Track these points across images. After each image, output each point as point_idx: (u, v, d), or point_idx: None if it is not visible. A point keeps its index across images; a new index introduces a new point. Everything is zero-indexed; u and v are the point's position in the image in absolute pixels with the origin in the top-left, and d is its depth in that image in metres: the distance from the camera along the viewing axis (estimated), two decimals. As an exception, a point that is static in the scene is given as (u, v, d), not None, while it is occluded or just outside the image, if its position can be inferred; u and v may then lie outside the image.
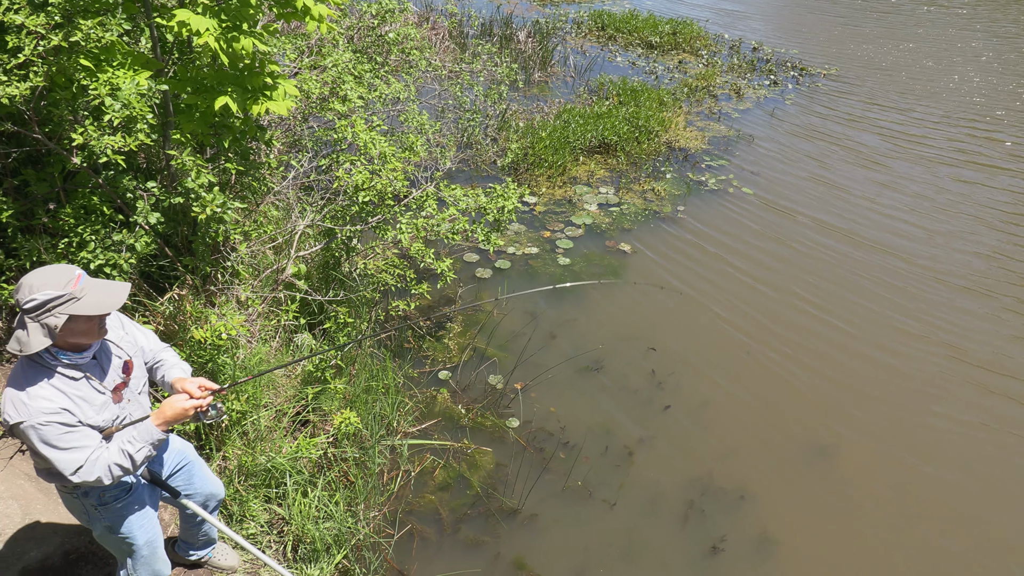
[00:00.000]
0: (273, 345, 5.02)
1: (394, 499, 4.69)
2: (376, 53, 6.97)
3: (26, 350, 2.51)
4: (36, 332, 2.50)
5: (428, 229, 5.50)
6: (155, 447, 2.78)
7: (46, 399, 2.56)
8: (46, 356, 2.60)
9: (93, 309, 2.54)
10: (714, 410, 5.60)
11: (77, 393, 2.65)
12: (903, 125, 10.78)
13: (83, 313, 2.52)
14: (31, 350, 2.51)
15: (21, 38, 3.50)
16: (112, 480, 2.69)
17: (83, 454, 2.61)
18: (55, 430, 2.56)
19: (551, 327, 6.31)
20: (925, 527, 4.84)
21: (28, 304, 2.48)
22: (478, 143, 9.02)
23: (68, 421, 2.59)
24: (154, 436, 2.76)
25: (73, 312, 2.51)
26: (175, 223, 4.57)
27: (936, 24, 15.42)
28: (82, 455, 2.61)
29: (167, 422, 2.78)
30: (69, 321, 2.53)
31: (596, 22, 14.14)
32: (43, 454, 2.57)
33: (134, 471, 2.75)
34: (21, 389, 2.55)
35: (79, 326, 2.57)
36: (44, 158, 4.55)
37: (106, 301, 2.57)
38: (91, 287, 2.56)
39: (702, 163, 9.34)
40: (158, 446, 2.80)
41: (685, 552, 4.59)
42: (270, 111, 4.14)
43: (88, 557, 3.87)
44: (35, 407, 2.53)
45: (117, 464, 2.68)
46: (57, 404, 2.57)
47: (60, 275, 2.52)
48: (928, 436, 5.51)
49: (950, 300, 6.96)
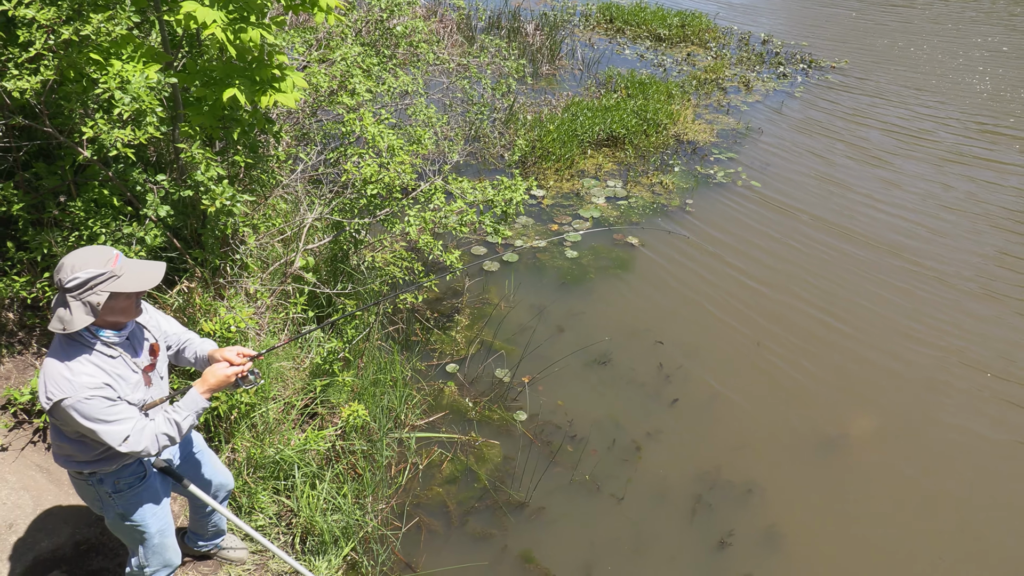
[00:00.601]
0: (282, 337, 5.04)
1: (402, 492, 4.71)
2: (384, 46, 6.96)
3: (69, 328, 2.59)
4: (79, 310, 2.58)
5: (436, 222, 5.51)
6: (199, 416, 2.89)
7: (88, 375, 2.63)
8: (86, 334, 2.68)
9: (133, 286, 2.63)
10: (722, 404, 5.60)
11: (115, 371, 2.73)
12: (911, 120, 10.72)
13: (123, 290, 2.61)
14: (74, 328, 2.59)
15: (32, 32, 3.51)
16: (158, 449, 2.79)
17: (128, 424, 2.70)
18: (100, 404, 2.63)
19: (558, 320, 6.31)
20: (933, 523, 4.83)
21: (71, 283, 2.55)
22: (486, 136, 9.01)
23: (110, 395, 2.67)
24: (199, 404, 2.88)
25: (114, 289, 2.60)
26: (184, 216, 4.58)
27: (952, 19, 15.20)
28: (128, 425, 2.70)
29: (211, 389, 2.90)
30: (110, 299, 2.62)
31: (604, 15, 14.09)
32: (89, 428, 2.64)
33: (179, 439, 2.86)
34: (63, 367, 2.63)
35: (119, 304, 2.66)
36: (55, 151, 4.57)
37: (145, 278, 2.67)
38: (129, 266, 2.66)
39: (711, 156, 9.31)
40: (202, 415, 2.92)
41: (693, 546, 4.59)
42: (279, 103, 4.14)
43: (99, 547, 3.90)
44: (79, 383, 2.61)
45: (165, 433, 2.79)
46: (99, 379, 2.65)
47: (100, 255, 2.61)
48: (937, 433, 5.50)
49: (958, 303, 6.93)
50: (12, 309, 4.71)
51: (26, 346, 4.68)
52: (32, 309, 4.73)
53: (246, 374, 3.02)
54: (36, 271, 4.44)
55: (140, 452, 2.74)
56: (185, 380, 4.26)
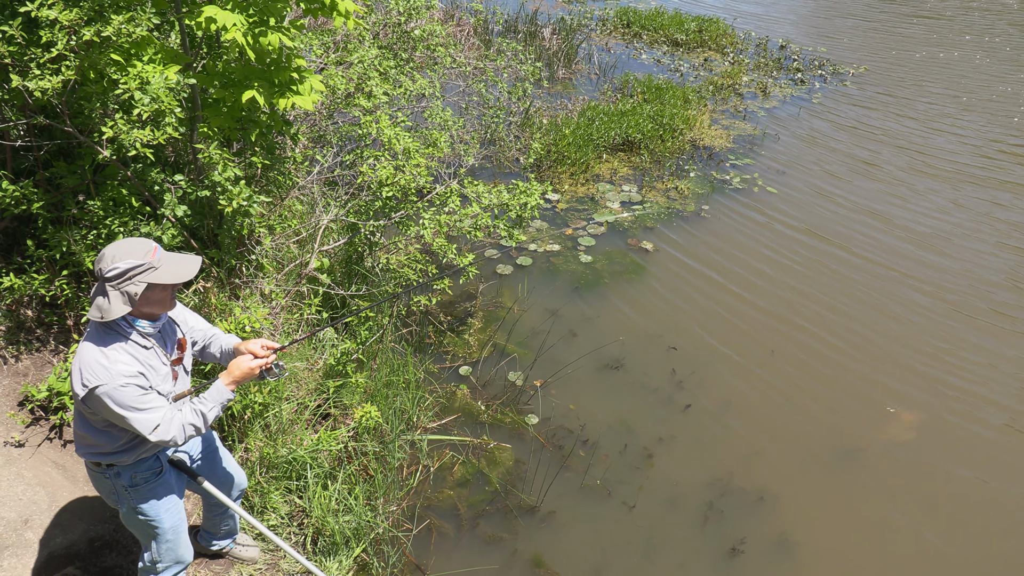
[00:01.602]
0: (296, 338, 5.05)
1: (413, 494, 4.72)
2: (401, 49, 6.99)
3: (107, 316, 2.65)
4: (117, 300, 2.65)
5: (451, 225, 5.52)
6: (223, 407, 2.94)
7: (124, 363, 2.70)
8: (123, 324, 2.75)
9: (170, 278, 2.70)
10: (735, 410, 5.57)
11: (148, 361, 2.80)
12: (928, 135, 10.63)
13: (161, 282, 2.68)
14: (111, 316, 2.65)
15: (54, 32, 3.56)
16: (184, 439, 2.84)
17: (159, 414, 2.76)
18: (133, 392, 2.69)
19: (571, 325, 6.30)
20: (946, 533, 4.78)
21: (110, 272, 2.62)
22: (501, 140, 9.02)
23: (143, 384, 2.73)
24: (224, 396, 2.92)
25: (152, 280, 2.66)
26: (201, 216, 4.62)
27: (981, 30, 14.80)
28: (159, 414, 2.75)
29: (236, 381, 2.95)
30: (147, 290, 2.68)
31: (622, 19, 14.07)
32: (121, 415, 2.69)
33: (205, 430, 2.91)
34: (99, 354, 2.69)
35: (156, 295, 2.73)
36: (75, 151, 4.62)
37: (182, 270, 2.74)
38: (167, 258, 2.73)
39: (727, 161, 9.28)
40: (227, 406, 2.98)
41: (704, 553, 4.57)
42: (296, 106, 4.17)
43: (113, 544, 3.93)
44: (115, 370, 2.67)
45: (191, 424, 2.84)
46: (134, 368, 2.72)
47: (139, 246, 2.68)
48: (951, 445, 5.44)
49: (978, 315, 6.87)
50: (31, 306, 4.76)
51: (44, 343, 4.73)
52: (51, 307, 4.78)
53: (271, 366, 3.06)
54: (55, 269, 4.49)
55: (168, 441, 2.79)
56: (199, 380, 4.29)
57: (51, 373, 4.48)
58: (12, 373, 4.54)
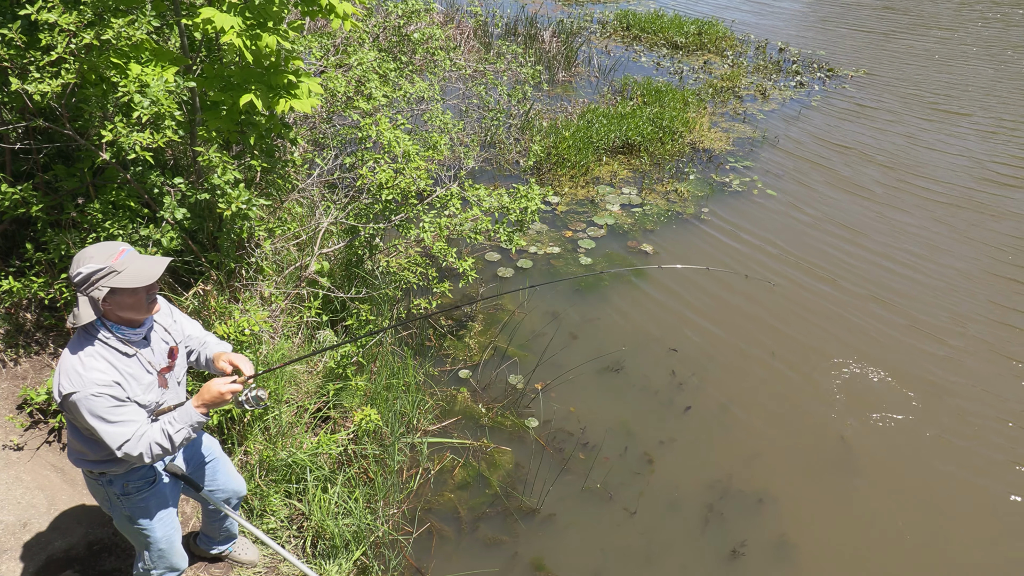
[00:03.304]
0: (296, 341, 5.05)
1: (413, 497, 4.71)
2: (401, 52, 7.00)
3: (78, 323, 2.63)
4: (84, 305, 2.62)
5: (451, 228, 5.51)
6: (195, 430, 2.82)
7: (100, 371, 2.65)
8: (101, 330, 2.70)
9: (132, 282, 2.61)
10: (735, 413, 5.56)
11: (128, 370, 2.73)
12: (925, 136, 10.63)
13: (122, 286, 2.60)
14: (81, 322, 2.63)
15: (54, 36, 3.55)
16: (151, 459, 2.75)
17: (131, 428, 2.69)
18: (105, 402, 2.63)
19: (572, 327, 6.30)
20: (948, 539, 4.77)
21: (76, 278, 2.60)
22: (501, 142, 9.02)
23: (118, 395, 2.66)
24: (194, 418, 2.80)
25: (113, 285, 2.59)
26: (201, 219, 4.62)
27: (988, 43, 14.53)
28: (129, 429, 2.68)
29: (205, 404, 2.83)
30: (112, 294, 2.62)
31: (621, 22, 14.09)
32: (91, 426, 2.64)
33: (172, 452, 2.80)
34: (76, 361, 2.65)
35: (124, 300, 2.65)
36: (74, 154, 4.62)
37: (144, 273, 2.64)
38: (133, 261, 2.64)
39: (726, 164, 9.27)
40: (198, 429, 2.84)
41: (705, 555, 4.56)
42: (294, 109, 4.17)
43: (111, 548, 3.92)
44: (89, 378, 2.62)
45: (157, 443, 2.74)
46: (110, 377, 2.66)
47: (104, 250, 2.62)
48: (947, 448, 5.43)
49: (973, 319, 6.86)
50: (30, 310, 4.75)
51: (43, 347, 4.73)
52: (50, 310, 4.78)
53: (248, 396, 2.92)
54: (54, 272, 4.48)
55: (134, 458, 2.70)
56: (200, 383, 4.28)
57: (50, 376, 4.47)
58: (11, 376, 4.54)
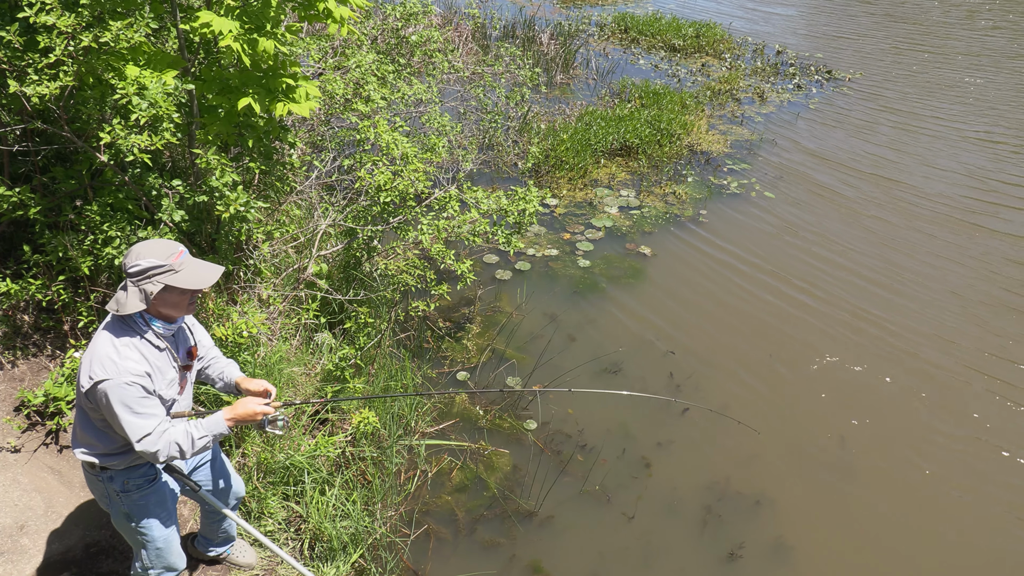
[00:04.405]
0: (294, 343, 5.06)
1: (411, 499, 4.71)
2: (399, 55, 7.01)
3: (122, 311, 2.70)
4: (134, 295, 2.70)
5: (449, 230, 5.52)
6: (215, 440, 2.91)
7: (134, 361, 2.71)
8: (139, 321, 2.77)
9: (187, 283, 2.72)
10: (732, 414, 5.55)
11: (157, 363, 2.81)
12: (921, 135, 10.66)
13: (178, 285, 2.71)
14: (126, 311, 2.69)
15: (52, 38, 3.56)
16: (166, 458, 2.80)
17: (153, 423, 2.74)
18: (136, 392, 2.69)
19: (570, 329, 6.30)
20: (945, 539, 4.78)
21: (132, 269, 2.68)
22: (499, 145, 9.03)
23: (147, 386, 2.73)
24: (219, 429, 2.90)
25: (169, 283, 2.70)
26: (199, 221, 4.62)
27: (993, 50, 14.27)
28: (152, 423, 2.74)
29: (236, 419, 2.94)
30: (164, 291, 2.71)
31: (619, 25, 14.11)
32: (116, 414, 2.68)
33: (189, 456, 2.85)
34: (111, 350, 2.70)
35: (172, 298, 2.75)
36: (72, 156, 4.62)
37: (201, 278, 2.76)
38: (190, 264, 2.75)
39: (724, 167, 9.29)
40: (218, 439, 2.93)
41: (703, 557, 4.56)
42: (292, 112, 4.17)
43: (109, 550, 3.92)
44: (124, 367, 2.67)
45: (177, 443, 2.79)
46: (142, 368, 2.72)
47: (165, 248, 2.71)
48: (942, 448, 5.44)
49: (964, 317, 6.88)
50: (27, 312, 4.75)
51: (41, 349, 4.72)
52: (47, 312, 4.77)
53: (275, 418, 3.08)
54: (52, 274, 4.48)
55: (153, 453, 2.75)
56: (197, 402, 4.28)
57: (47, 378, 4.47)
58: (8, 378, 4.53)
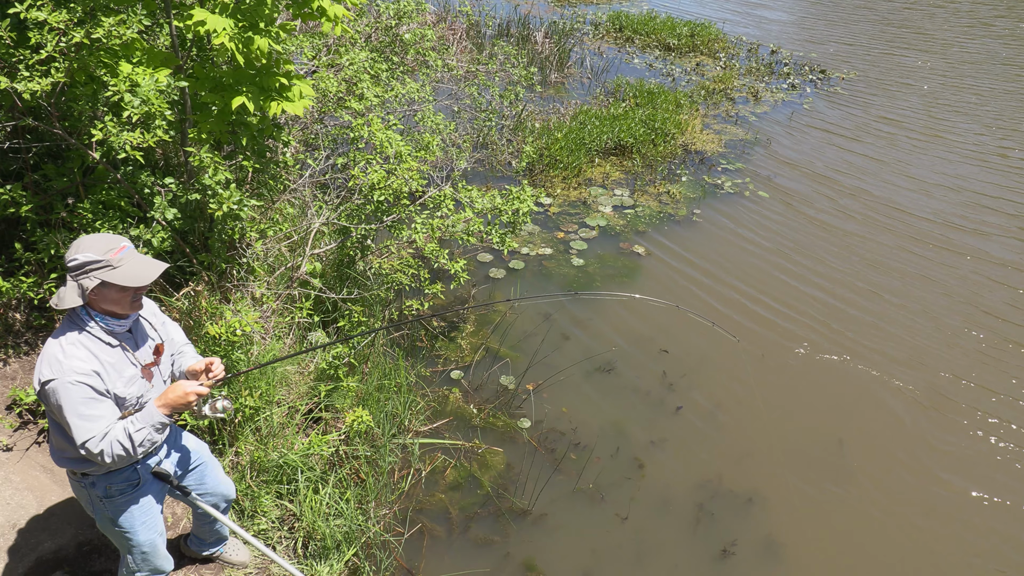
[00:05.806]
0: (287, 342, 5.04)
1: (405, 498, 4.70)
2: (393, 53, 7.00)
3: (60, 305, 2.64)
4: (72, 290, 2.64)
5: (443, 229, 5.51)
6: (157, 431, 2.77)
7: (80, 359, 2.63)
8: (85, 317, 2.70)
9: (124, 280, 2.63)
10: (725, 413, 5.57)
11: (109, 360, 2.72)
12: (918, 135, 10.69)
13: (114, 282, 2.62)
14: (64, 305, 2.63)
15: (44, 34, 3.54)
16: (111, 459, 2.69)
17: (99, 425, 2.65)
18: (81, 392, 2.61)
19: (564, 328, 6.30)
20: (935, 537, 4.80)
21: (70, 263, 2.62)
22: (494, 143, 9.03)
23: (96, 386, 2.64)
24: (155, 418, 2.76)
25: (106, 279, 2.61)
26: (192, 220, 4.60)
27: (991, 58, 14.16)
28: (98, 426, 2.65)
29: (166, 404, 2.78)
30: (101, 286, 2.63)
31: (614, 24, 14.12)
32: (63, 416, 2.61)
33: (134, 453, 2.74)
34: (58, 347, 2.64)
35: (111, 294, 2.66)
36: (64, 153, 4.60)
37: (139, 274, 2.66)
38: (130, 260, 2.66)
39: (718, 166, 9.30)
40: (161, 431, 2.79)
41: (695, 555, 4.57)
42: (286, 111, 4.16)
43: (101, 549, 3.91)
44: (69, 366, 2.60)
45: (119, 441, 2.68)
46: (89, 366, 2.64)
47: (105, 243, 2.64)
48: (942, 446, 5.46)
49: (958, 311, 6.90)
50: (19, 310, 4.73)
51: (32, 347, 4.70)
52: (39, 310, 4.76)
53: (211, 401, 2.92)
54: (43, 272, 4.47)
55: (96, 456, 2.65)
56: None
57: (40, 377, 4.44)
58: (0, 377, 4.52)
